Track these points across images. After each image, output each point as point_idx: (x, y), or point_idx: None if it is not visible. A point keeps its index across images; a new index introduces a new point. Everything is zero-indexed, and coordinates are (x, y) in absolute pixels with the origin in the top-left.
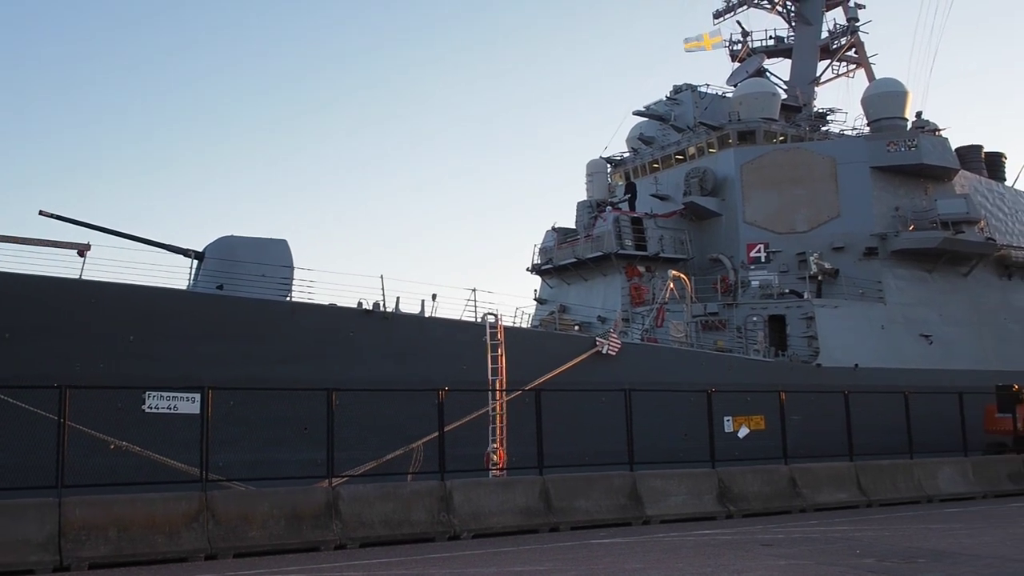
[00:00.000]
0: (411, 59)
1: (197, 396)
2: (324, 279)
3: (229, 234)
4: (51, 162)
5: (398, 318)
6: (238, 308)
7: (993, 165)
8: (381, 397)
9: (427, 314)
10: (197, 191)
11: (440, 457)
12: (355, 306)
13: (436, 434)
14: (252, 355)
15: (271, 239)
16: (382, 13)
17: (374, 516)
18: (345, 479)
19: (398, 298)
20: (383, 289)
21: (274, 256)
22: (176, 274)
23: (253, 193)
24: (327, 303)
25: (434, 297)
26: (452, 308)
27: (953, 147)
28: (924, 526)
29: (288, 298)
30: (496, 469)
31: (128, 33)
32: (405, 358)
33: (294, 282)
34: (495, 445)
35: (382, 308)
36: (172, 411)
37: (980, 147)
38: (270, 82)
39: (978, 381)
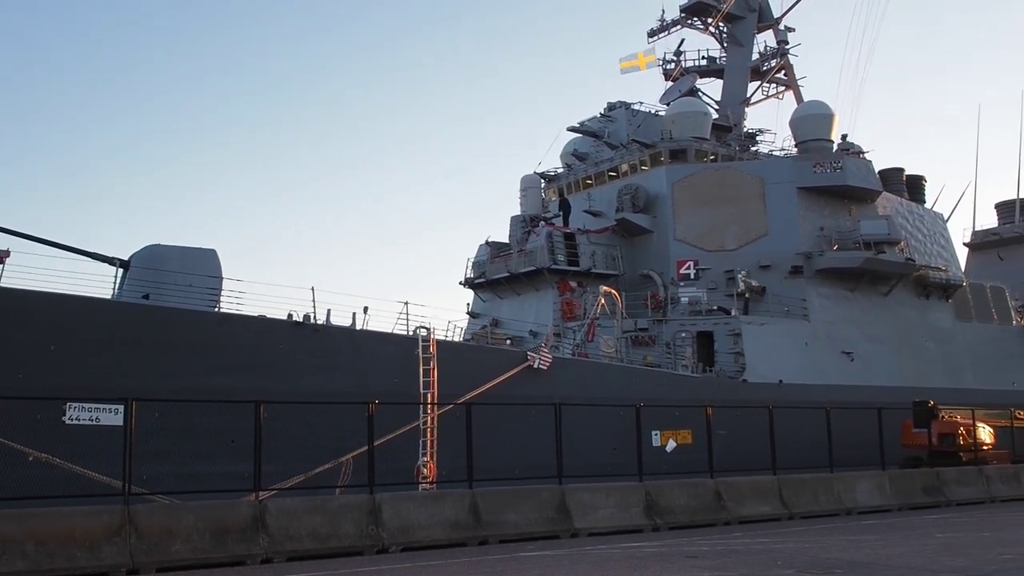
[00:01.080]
0: (347, 74)
1: (120, 408)
2: (254, 290)
3: (156, 243)
4: None
5: (329, 330)
6: (165, 318)
7: (913, 187)
8: (310, 410)
9: (358, 327)
10: (124, 198)
11: (370, 470)
12: (285, 318)
13: (366, 447)
14: (179, 366)
15: (199, 248)
16: (322, 28)
17: (302, 530)
18: (273, 492)
19: (329, 310)
20: (314, 301)
21: (202, 266)
22: (100, 283)
23: (182, 202)
24: (257, 314)
25: (366, 310)
26: (384, 321)
27: (876, 169)
28: (842, 537)
29: (216, 309)
30: (426, 483)
31: (51, 32)
32: (336, 371)
33: (223, 293)
34: (425, 459)
35: (313, 320)
36: (94, 423)
37: (902, 170)
38: (201, 89)
39: (896, 397)
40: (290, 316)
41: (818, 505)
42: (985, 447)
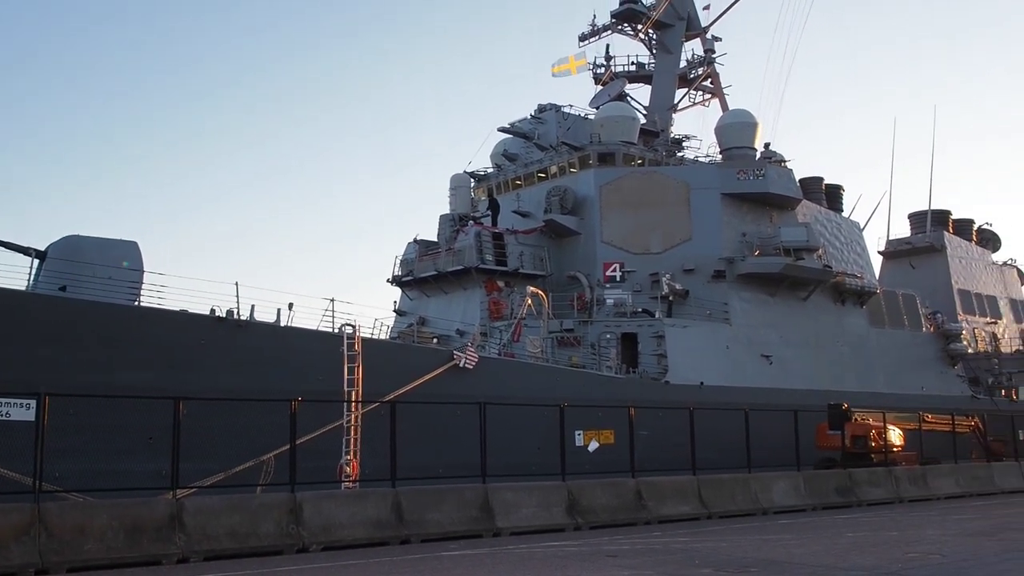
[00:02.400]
0: (278, 65)
1: (32, 403)
2: (176, 284)
3: (75, 233)
4: None
5: (252, 326)
6: (82, 311)
7: (832, 196)
8: (232, 407)
9: (283, 323)
10: (41, 187)
11: (291, 469)
12: (208, 313)
13: (288, 446)
14: (96, 361)
15: (120, 240)
16: (252, 23)
17: (220, 529)
18: (192, 491)
19: (253, 306)
20: (238, 296)
21: (123, 258)
22: (15, 273)
23: (102, 192)
24: (178, 309)
25: (291, 306)
26: (309, 318)
27: (797, 178)
28: (758, 537)
29: (137, 302)
30: (349, 481)
31: None
32: (259, 368)
33: (144, 286)
34: (348, 457)
35: (236, 316)
36: (5, 418)
37: (821, 179)
38: (125, 78)
39: (812, 400)
40: (213, 311)
41: (736, 505)
42: (895, 449)
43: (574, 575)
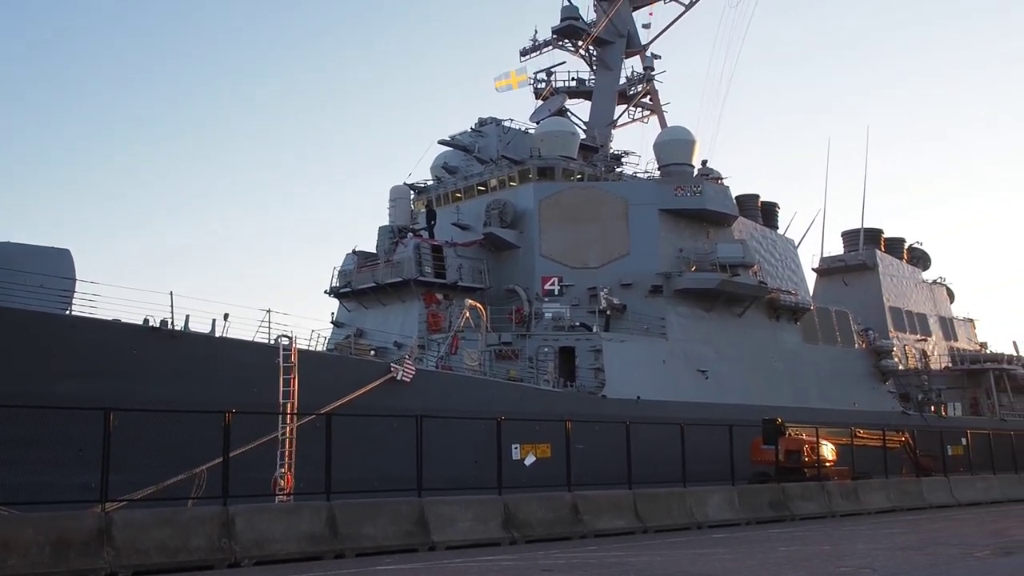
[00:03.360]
0: (218, 74)
1: None
2: (109, 293)
3: (5, 240)
4: None
5: (187, 337)
6: (11, 320)
7: (768, 214)
8: (164, 418)
9: (218, 334)
10: None
11: (224, 482)
12: (141, 323)
13: (221, 459)
14: (25, 371)
15: (52, 248)
16: (201, 28)
17: (150, 543)
18: (121, 504)
19: (187, 316)
20: (172, 306)
21: (55, 266)
22: None
23: (34, 200)
24: (111, 318)
25: (226, 317)
26: (245, 329)
27: (733, 195)
28: (693, 551)
29: (68, 311)
30: (283, 495)
31: None
32: (193, 379)
33: (76, 295)
34: (283, 470)
35: (170, 326)
36: None
37: (757, 196)
38: (60, 83)
39: (747, 415)
40: (146, 321)
41: (671, 519)
42: (828, 464)
43: None
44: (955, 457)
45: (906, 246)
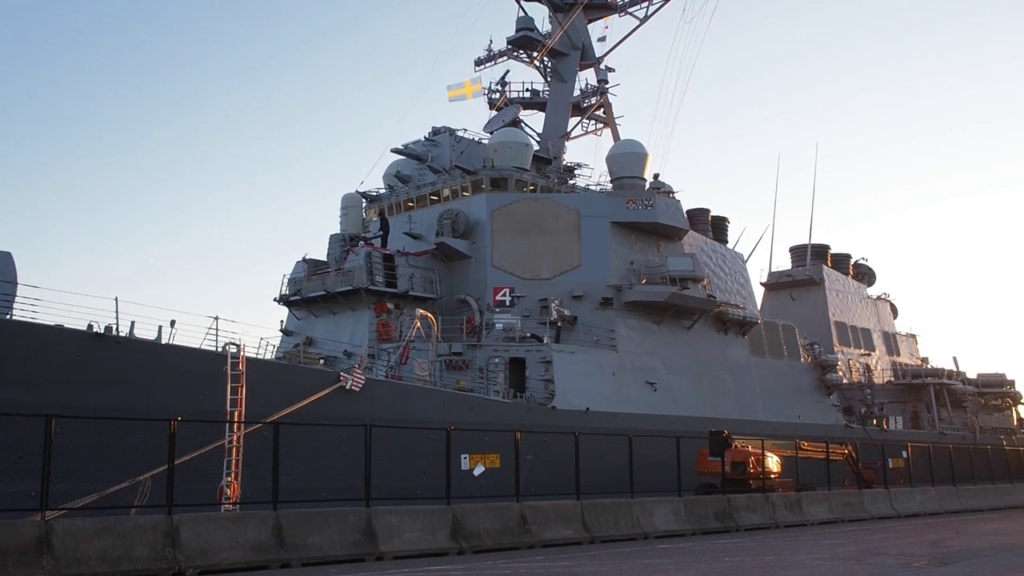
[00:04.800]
0: (166, 75)
1: None
2: (51, 298)
3: None
4: None
5: (132, 344)
6: None
7: (717, 228)
8: (108, 426)
9: (164, 341)
10: None
11: (168, 490)
12: (85, 328)
13: (166, 467)
14: None
15: None
16: (151, 29)
17: (91, 552)
18: (62, 512)
19: (133, 323)
20: (117, 312)
21: None
22: None
23: None
24: (53, 323)
25: (172, 323)
26: (192, 336)
27: (684, 209)
28: (639, 561)
29: (9, 316)
30: (229, 504)
31: None
32: (137, 386)
33: (17, 299)
34: (229, 479)
35: (115, 332)
36: None
37: (708, 211)
38: (4, 83)
39: (694, 426)
40: (90, 327)
41: (618, 529)
42: (773, 475)
43: None
44: (896, 469)
45: (852, 262)
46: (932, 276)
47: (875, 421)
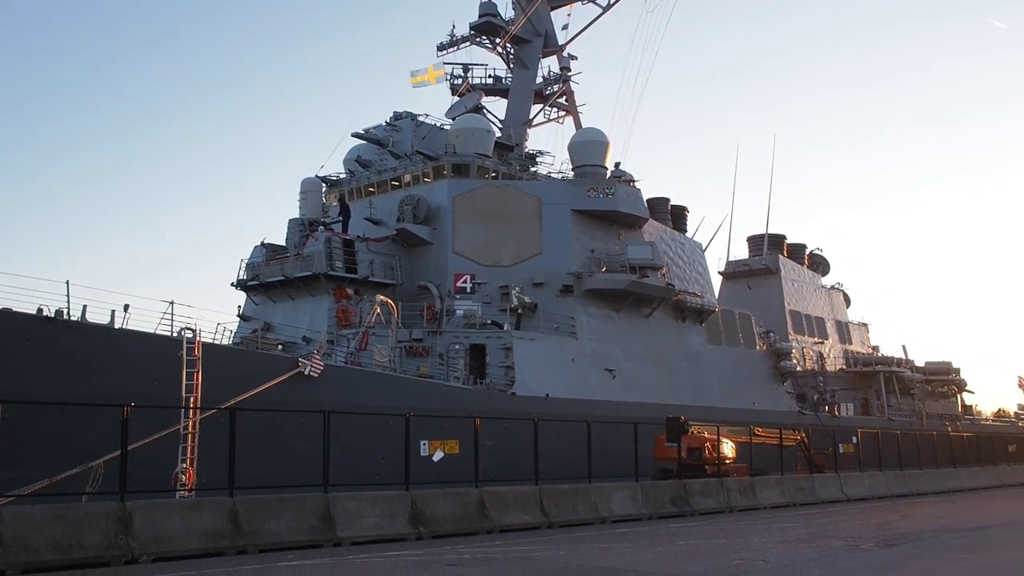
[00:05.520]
0: (124, 55)
1: None
2: None
3: None
4: None
5: (84, 328)
6: None
7: (677, 217)
8: (59, 411)
9: (118, 325)
10: None
11: (121, 477)
12: (34, 312)
13: (119, 452)
14: None
15: None
16: (106, 10)
17: (40, 540)
18: (10, 499)
19: (85, 306)
20: (68, 295)
21: None
22: None
23: None
24: (1, 307)
25: (126, 308)
26: (147, 321)
27: (644, 198)
28: (596, 545)
29: None
30: (184, 490)
31: None
32: (90, 371)
33: None
34: (184, 465)
35: (66, 316)
36: None
37: (667, 200)
38: None
39: (652, 413)
40: (40, 311)
41: (576, 514)
42: (728, 461)
43: None
44: (846, 455)
45: (807, 252)
46: (884, 267)
47: (827, 408)
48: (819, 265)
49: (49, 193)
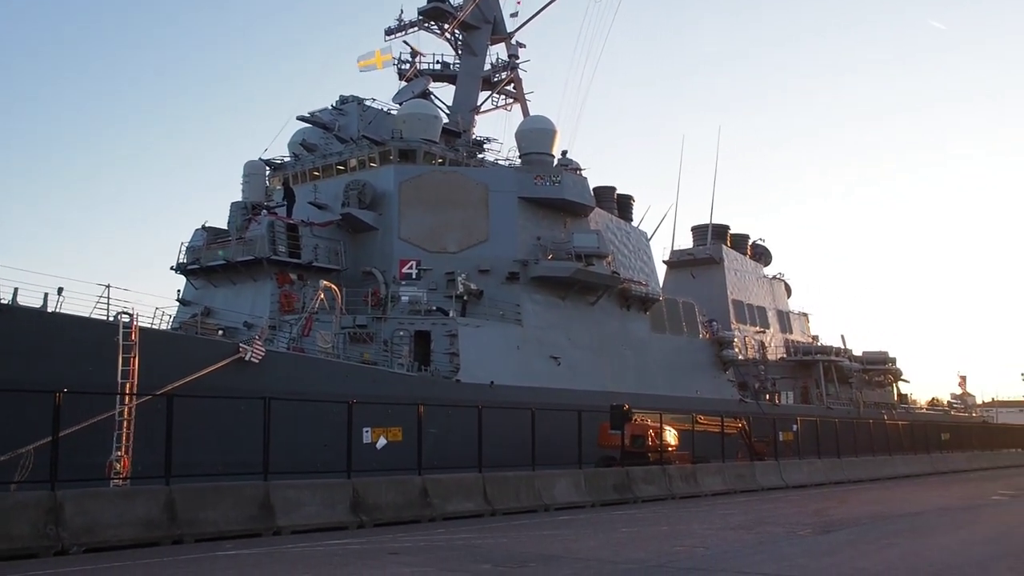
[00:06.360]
0: (67, 33)
1: None
2: None
3: None
4: None
5: (15, 312)
6: None
7: (623, 206)
8: None
9: (51, 309)
10: None
11: (52, 465)
12: None
13: (49, 439)
14: None
15: None
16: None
17: None
18: None
19: (16, 289)
20: None
21: None
22: None
23: None
24: None
25: (60, 291)
26: (82, 305)
27: (591, 186)
28: (539, 533)
29: None
30: (119, 479)
31: None
32: (21, 356)
33: None
34: (119, 453)
35: None
36: None
37: (613, 188)
38: None
39: (596, 400)
40: None
41: (519, 502)
42: (670, 448)
43: (355, 573)
44: (786, 442)
45: (750, 242)
46: (824, 258)
47: (768, 396)
48: (761, 255)
49: None
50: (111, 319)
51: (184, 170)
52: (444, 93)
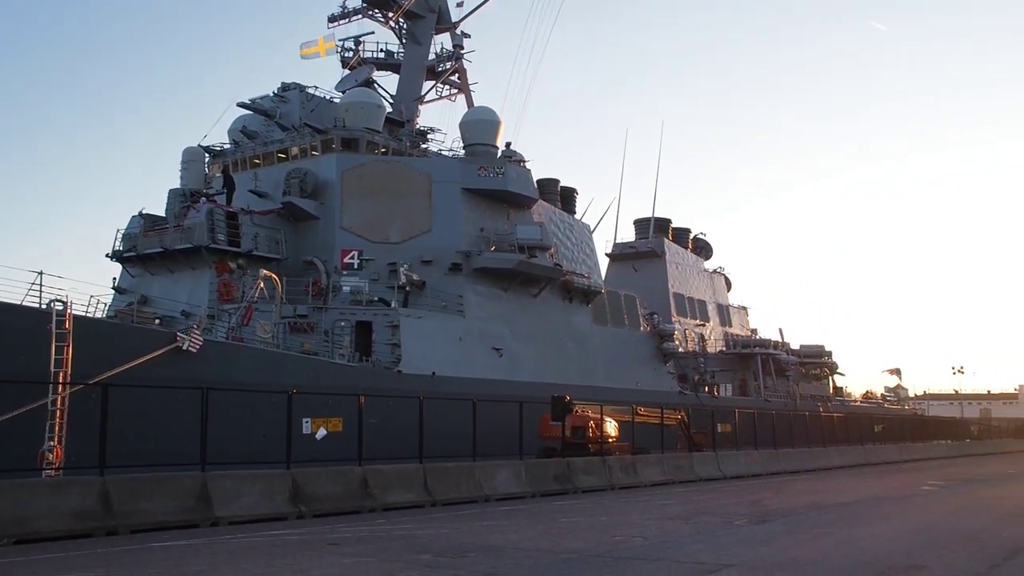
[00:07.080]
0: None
1: None
2: None
3: None
4: None
5: None
6: None
7: (566, 198)
8: None
9: None
10: None
11: None
12: None
13: None
14: None
15: None
16: None
17: None
18: None
19: None
20: None
21: None
22: None
23: None
24: None
25: None
26: (13, 292)
27: (534, 178)
28: (479, 523)
29: None
30: (51, 469)
31: None
32: None
33: None
34: (52, 443)
35: None
36: None
37: (557, 181)
38: None
39: (538, 392)
40: None
41: (460, 493)
42: (611, 439)
43: (293, 564)
44: (724, 434)
45: (691, 236)
46: (763, 253)
47: (707, 388)
48: (702, 249)
49: None
50: (44, 306)
51: (121, 155)
52: (388, 82)
